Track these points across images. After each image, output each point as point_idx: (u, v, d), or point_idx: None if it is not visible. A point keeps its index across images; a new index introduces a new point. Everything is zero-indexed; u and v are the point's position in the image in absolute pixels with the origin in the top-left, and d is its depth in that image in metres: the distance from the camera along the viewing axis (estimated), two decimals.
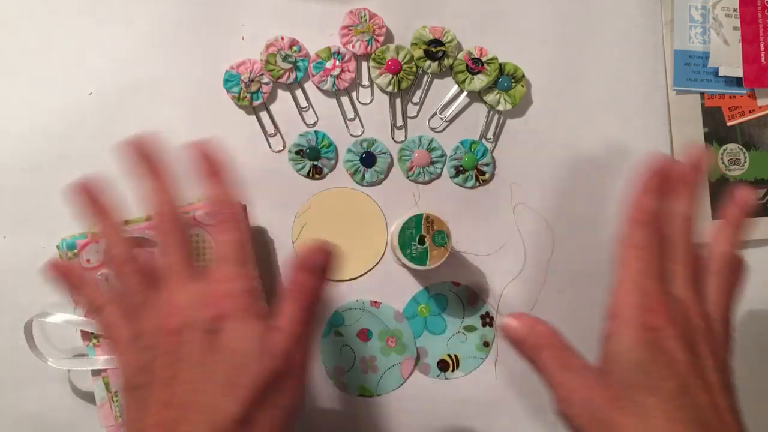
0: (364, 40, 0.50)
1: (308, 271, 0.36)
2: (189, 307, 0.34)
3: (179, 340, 0.34)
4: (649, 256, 0.36)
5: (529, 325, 0.38)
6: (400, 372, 0.50)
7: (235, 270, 0.35)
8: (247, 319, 0.35)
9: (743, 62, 0.53)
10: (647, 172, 0.38)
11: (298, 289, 0.36)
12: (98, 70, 0.48)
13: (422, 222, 0.46)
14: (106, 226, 0.38)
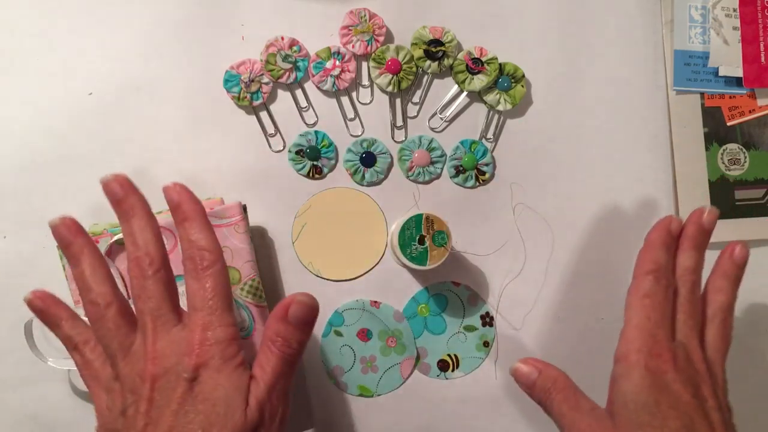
0: (364, 40, 0.50)
1: (289, 323, 0.36)
2: (169, 354, 0.35)
3: (158, 386, 0.34)
4: (656, 304, 0.39)
5: (539, 370, 0.40)
6: (400, 372, 0.50)
7: (212, 318, 0.35)
8: (225, 368, 0.35)
9: (743, 62, 0.53)
10: (656, 229, 0.42)
11: (277, 340, 0.36)
12: (98, 70, 0.48)
13: (422, 222, 0.46)
14: (85, 264, 0.37)
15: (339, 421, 0.50)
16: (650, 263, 0.40)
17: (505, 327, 0.52)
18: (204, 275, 0.36)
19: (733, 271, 0.42)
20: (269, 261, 0.50)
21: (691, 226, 0.42)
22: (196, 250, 0.36)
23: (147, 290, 0.36)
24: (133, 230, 0.37)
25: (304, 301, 0.36)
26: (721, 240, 0.53)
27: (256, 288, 0.46)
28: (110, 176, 0.38)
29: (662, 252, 0.41)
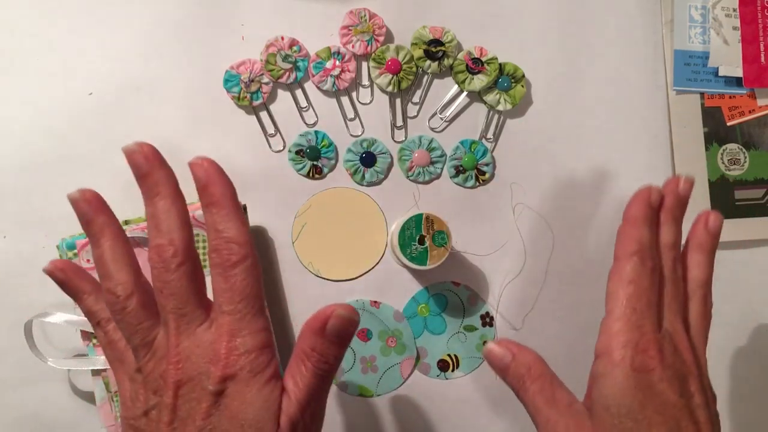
0: (364, 40, 0.50)
1: (326, 337, 0.32)
2: (194, 359, 0.31)
3: (181, 394, 0.31)
4: (641, 291, 0.35)
5: (513, 353, 0.36)
6: (400, 372, 0.50)
7: (241, 324, 0.32)
8: (255, 382, 0.31)
9: (743, 62, 0.53)
10: (636, 203, 0.37)
11: (313, 355, 0.32)
12: (98, 70, 0.48)
13: (422, 222, 0.46)
14: (105, 247, 0.33)
15: (339, 421, 0.50)
16: (633, 242, 0.36)
17: (505, 327, 0.52)
18: (232, 273, 0.32)
19: (710, 243, 0.39)
20: (269, 261, 0.50)
21: (668, 197, 0.38)
22: (224, 242, 0.32)
23: (170, 285, 0.32)
24: (157, 212, 0.32)
25: (344, 315, 0.32)
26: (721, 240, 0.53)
27: None
28: (134, 145, 0.32)
29: (645, 229, 0.36)
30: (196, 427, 0.31)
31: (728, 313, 0.54)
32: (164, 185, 0.33)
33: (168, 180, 0.33)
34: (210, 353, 0.31)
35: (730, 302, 0.54)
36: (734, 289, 0.54)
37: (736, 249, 0.54)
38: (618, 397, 0.33)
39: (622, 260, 0.36)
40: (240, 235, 0.32)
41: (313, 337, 0.32)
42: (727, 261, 0.54)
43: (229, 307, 0.32)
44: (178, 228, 0.32)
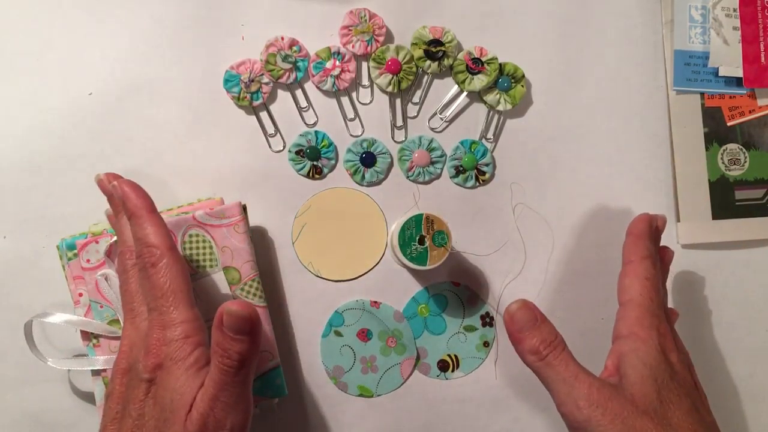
0: (364, 40, 0.50)
1: (226, 334, 0.34)
2: (135, 349, 0.36)
3: (125, 381, 0.35)
4: (655, 287, 0.40)
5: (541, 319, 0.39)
6: (400, 372, 0.50)
7: (164, 317, 0.35)
8: (175, 370, 0.34)
9: (743, 62, 0.53)
10: (643, 221, 0.44)
11: (217, 350, 0.34)
12: (98, 70, 0.48)
13: (422, 222, 0.46)
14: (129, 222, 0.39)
15: (339, 421, 0.50)
16: (645, 249, 0.42)
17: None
18: (153, 272, 0.36)
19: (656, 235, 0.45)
20: (269, 261, 0.50)
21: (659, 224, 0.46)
22: (143, 246, 0.36)
23: (126, 281, 0.37)
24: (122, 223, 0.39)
25: (233, 312, 0.34)
26: (721, 240, 0.53)
27: (256, 288, 0.46)
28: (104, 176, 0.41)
29: (650, 242, 0.43)
30: (135, 409, 0.34)
31: (728, 313, 0.54)
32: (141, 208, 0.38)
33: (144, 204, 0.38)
34: (144, 344, 0.35)
35: (730, 302, 0.54)
36: (734, 289, 0.54)
37: (736, 249, 0.54)
38: (653, 370, 0.37)
39: (636, 261, 0.41)
40: (157, 239, 0.36)
41: (215, 333, 0.35)
42: (727, 261, 0.54)
43: (154, 303, 0.36)
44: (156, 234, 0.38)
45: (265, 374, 0.46)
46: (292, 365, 0.50)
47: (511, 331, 0.39)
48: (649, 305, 0.39)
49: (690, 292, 0.53)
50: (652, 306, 0.39)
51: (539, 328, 0.38)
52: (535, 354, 0.38)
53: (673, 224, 0.53)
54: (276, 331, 0.47)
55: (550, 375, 0.37)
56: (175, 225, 0.45)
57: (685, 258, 0.53)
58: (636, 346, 0.38)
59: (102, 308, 0.44)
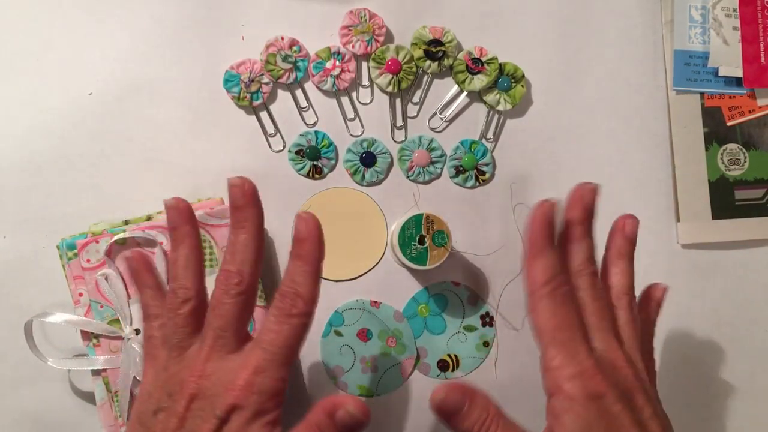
0: (364, 40, 0.50)
1: (332, 420, 0.34)
2: (214, 379, 0.34)
3: (192, 407, 0.33)
4: (564, 321, 0.35)
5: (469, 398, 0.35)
6: (400, 372, 0.50)
7: (268, 365, 0.34)
8: (255, 423, 0.33)
9: (743, 62, 0.53)
10: (536, 224, 0.37)
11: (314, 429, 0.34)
12: (98, 70, 0.48)
13: (422, 222, 0.46)
14: (181, 253, 0.37)
15: None
16: (542, 273, 0.36)
17: (505, 327, 0.52)
18: (287, 320, 0.34)
19: (628, 248, 0.40)
20: (269, 261, 0.50)
21: (576, 211, 0.39)
22: (294, 294, 0.35)
23: (221, 307, 0.35)
24: (238, 243, 0.36)
25: (354, 414, 0.33)
26: (721, 240, 0.53)
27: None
28: (238, 180, 0.36)
29: (550, 253, 0.36)
30: None
31: (728, 313, 0.54)
32: (251, 222, 0.36)
33: (255, 218, 0.36)
34: (230, 380, 0.33)
35: (730, 302, 0.54)
36: (734, 289, 0.54)
37: (736, 249, 0.54)
38: (585, 428, 0.34)
39: (535, 295, 0.36)
40: (310, 293, 0.35)
41: (322, 416, 0.34)
42: (727, 261, 0.54)
43: (267, 346, 0.34)
44: (250, 262, 0.35)
45: None
46: (292, 365, 0.49)
47: (440, 418, 0.36)
48: (562, 348, 0.35)
49: (690, 292, 0.53)
50: (566, 348, 0.35)
51: (470, 410, 0.35)
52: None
53: (673, 224, 0.53)
54: None
55: None
56: None
57: (685, 258, 0.53)
58: (564, 406, 0.34)
59: (102, 308, 0.44)
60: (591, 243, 0.39)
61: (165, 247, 0.45)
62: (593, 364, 0.35)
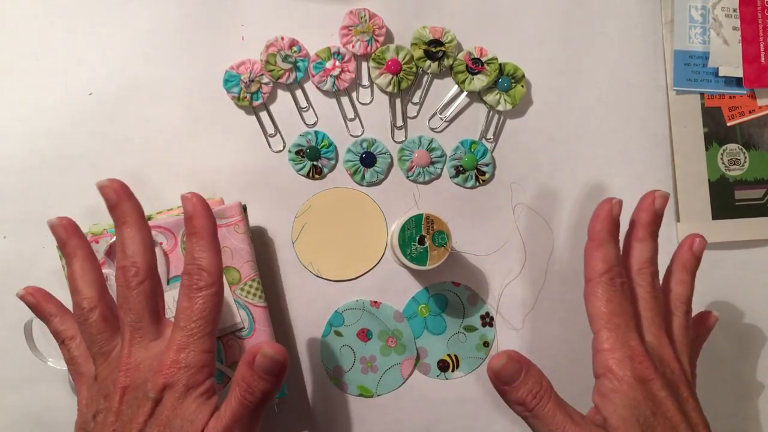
0: (364, 40, 0.50)
1: (256, 372, 0.35)
2: (142, 368, 0.35)
3: (126, 399, 0.35)
4: (618, 309, 0.38)
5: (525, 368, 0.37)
6: (400, 372, 0.50)
7: (189, 340, 0.35)
8: (188, 396, 0.35)
9: (743, 62, 0.53)
10: (599, 219, 0.40)
11: (242, 384, 0.35)
12: (98, 70, 0.48)
13: (422, 222, 0.46)
14: (76, 266, 0.38)
15: (339, 421, 0.50)
16: (602, 262, 0.39)
17: (505, 327, 0.52)
18: (197, 295, 0.36)
19: (693, 263, 0.42)
20: (269, 261, 0.50)
21: (645, 213, 0.41)
22: (197, 268, 0.36)
23: (129, 301, 0.36)
24: (124, 238, 0.37)
25: (269, 355, 0.35)
26: (721, 240, 0.53)
27: (256, 288, 0.46)
28: (106, 181, 0.38)
29: (611, 246, 0.39)
30: (135, 428, 0.34)
31: (728, 313, 0.54)
32: (130, 215, 0.38)
33: (134, 210, 0.38)
34: (156, 363, 0.35)
35: (730, 302, 0.54)
36: (734, 289, 0.54)
37: (736, 249, 0.54)
38: (632, 407, 0.36)
39: (593, 282, 0.39)
40: (211, 265, 0.37)
41: (243, 368, 0.35)
42: (727, 261, 0.54)
43: (184, 324, 0.36)
44: (141, 252, 0.37)
45: None
46: (292, 365, 0.50)
47: (495, 384, 0.37)
48: (616, 334, 0.37)
49: None
50: (620, 333, 0.37)
51: (525, 380, 0.37)
52: (522, 405, 0.37)
53: (673, 224, 0.53)
54: (276, 331, 0.47)
55: (538, 426, 0.37)
56: (175, 225, 0.45)
57: None
58: (613, 386, 0.36)
59: None
60: (654, 245, 0.41)
61: (165, 247, 0.45)
62: (644, 350, 0.37)
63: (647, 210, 0.41)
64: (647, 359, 0.37)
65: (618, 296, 0.38)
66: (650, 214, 0.41)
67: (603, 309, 0.38)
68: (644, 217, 0.41)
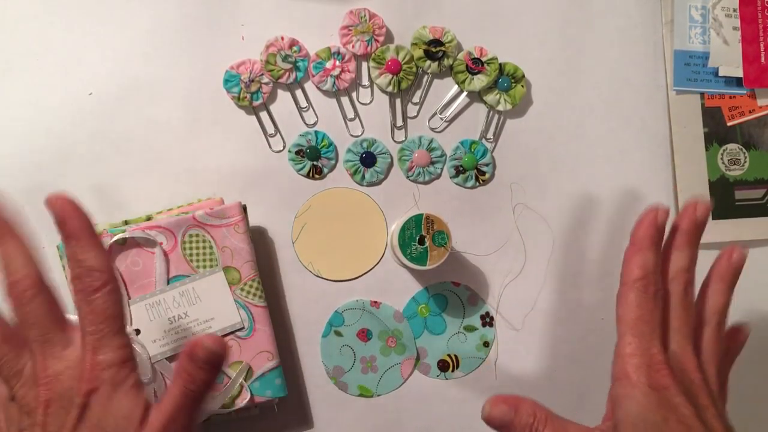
0: (364, 40, 0.50)
1: (194, 361, 0.35)
2: (63, 378, 0.35)
3: (51, 411, 0.34)
4: (647, 316, 0.38)
5: (514, 407, 0.37)
6: (400, 372, 0.50)
7: (102, 341, 0.35)
8: (116, 394, 0.34)
9: (743, 62, 0.53)
10: (643, 226, 0.39)
11: (182, 374, 0.35)
12: (98, 70, 0.48)
13: (422, 222, 0.46)
14: None
15: (339, 421, 0.50)
16: (638, 268, 0.39)
17: (505, 327, 0.52)
18: (94, 297, 0.35)
19: (731, 275, 0.42)
20: (269, 261, 0.50)
21: (685, 221, 0.41)
22: (85, 270, 0.35)
23: (29, 316, 0.35)
24: (7, 254, 0.36)
25: (208, 347, 0.35)
26: (721, 240, 0.53)
27: (256, 288, 0.46)
28: None
29: (651, 253, 0.39)
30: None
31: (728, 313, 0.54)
32: (8, 230, 0.37)
33: (6, 225, 0.37)
34: (77, 371, 0.34)
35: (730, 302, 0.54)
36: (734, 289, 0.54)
37: None
38: (643, 414, 0.36)
39: (627, 286, 0.39)
40: (99, 263, 0.35)
41: (184, 359, 0.35)
42: None
43: (91, 328, 0.35)
44: (25, 265, 0.36)
45: (265, 374, 0.46)
46: (292, 365, 0.50)
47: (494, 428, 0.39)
48: (639, 340, 0.37)
49: None
50: (643, 340, 0.37)
51: (518, 418, 0.37)
52: None
53: None
54: (276, 331, 0.47)
55: None
56: (175, 225, 0.45)
57: None
58: (626, 391, 0.36)
59: None
60: (692, 254, 0.40)
61: (165, 247, 0.45)
62: (663, 359, 0.37)
63: (687, 217, 0.41)
64: (665, 367, 0.36)
65: (649, 303, 0.38)
66: (690, 223, 0.40)
67: (631, 314, 0.38)
68: (684, 225, 0.41)
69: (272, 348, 0.46)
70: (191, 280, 0.45)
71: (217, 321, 0.45)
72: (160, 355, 0.44)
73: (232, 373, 0.45)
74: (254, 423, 0.49)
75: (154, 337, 0.44)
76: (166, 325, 0.45)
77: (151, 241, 0.45)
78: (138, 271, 0.45)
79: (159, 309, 0.45)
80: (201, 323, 0.45)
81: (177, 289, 0.45)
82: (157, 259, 0.45)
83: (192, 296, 0.45)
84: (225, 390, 0.45)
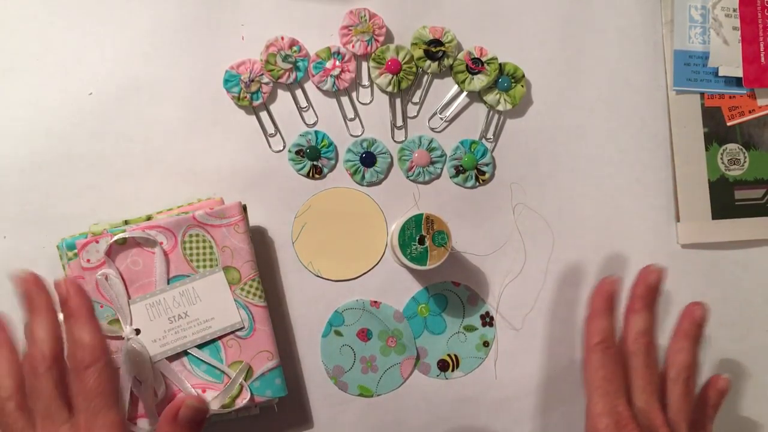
0: (364, 40, 0.50)
1: (178, 424, 0.37)
2: None
3: None
4: (610, 376, 0.41)
5: None
6: (400, 372, 0.50)
7: (94, 419, 0.36)
8: None
9: (743, 62, 0.53)
10: (597, 296, 0.43)
11: None
12: (98, 70, 0.48)
13: (422, 222, 0.46)
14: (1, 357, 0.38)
15: (339, 421, 0.50)
16: (596, 334, 0.42)
17: (505, 327, 0.52)
18: (85, 374, 0.37)
19: (694, 331, 0.44)
20: (269, 261, 0.50)
21: (640, 287, 0.44)
22: (78, 347, 0.37)
23: (37, 389, 0.37)
24: (32, 326, 0.38)
25: (193, 406, 0.37)
26: (720, 240, 0.53)
27: (256, 288, 0.46)
28: (20, 272, 0.39)
29: (605, 319, 0.42)
30: None
31: (728, 313, 0.54)
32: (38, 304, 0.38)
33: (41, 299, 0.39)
34: None
35: (730, 302, 0.54)
36: (734, 289, 0.54)
37: (736, 249, 0.54)
38: None
39: (588, 351, 0.42)
40: (92, 340, 0.37)
41: (167, 425, 0.37)
42: (727, 261, 0.54)
43: (83, 405, 0.36)
44: (47, 339, 0.37)
45: (265, 374, 0.46)
46: (292, 365, 0.50)
47: None
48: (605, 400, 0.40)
49: (690, 292, 0.53)
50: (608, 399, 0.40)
51: None
52: None
53: (673, 224, 0.53)
54: (276, 331, 0.47)
55: None
56: (175, 225, 0.45)
57: (685, 258, 0.53)
58: None
59: (102, 308, 0.44)
60: (649, 316, 0.43)
61: (165, 247, 0.45)
62: (630, 415, 0.40)
63: (641, 283, 0.44)
64: (632, 422, 0.39)
65: (611, 363, 0.41)
66: (643, 287, 0.43)
67: (596, 374, 0.41)
68: (639, 290, 0.44)
69: (272, 348, 0.46)
70: (191, 279, 0.45)
71: (217, 321, 0.45)
72: (160, 355, 0.44)
73: (232, 372, 0.45)
74: (254, 423, 0.49)
75: (154, 337, 0.44)
76: (166, 324, 0.45)
77: (151, 241, 0.45)
78: (138, 271, 0.45)
79: (159, 309, 0.45)
80: (201, 323, 0.45)
81: (177, 288, 0.45)
82: (157, 258, 0.45)
83: (192, 296, 0.45)
84: (225, 390, 0.45)
